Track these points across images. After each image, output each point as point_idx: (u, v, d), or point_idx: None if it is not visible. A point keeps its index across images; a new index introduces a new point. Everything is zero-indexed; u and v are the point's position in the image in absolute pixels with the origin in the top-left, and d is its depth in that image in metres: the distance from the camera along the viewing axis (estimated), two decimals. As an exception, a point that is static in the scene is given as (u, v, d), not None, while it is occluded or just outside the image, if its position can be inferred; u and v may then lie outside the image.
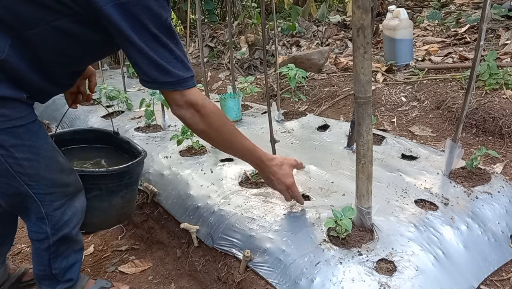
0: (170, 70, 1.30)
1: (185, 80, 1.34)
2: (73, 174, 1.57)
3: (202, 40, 2.20)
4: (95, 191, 1.68)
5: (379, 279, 1.32)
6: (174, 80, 1.32)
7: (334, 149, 2.25)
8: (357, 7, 1.21)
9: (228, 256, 1.64)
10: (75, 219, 1.58)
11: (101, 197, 1.70)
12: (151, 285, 1.90)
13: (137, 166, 1.76)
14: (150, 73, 1.30)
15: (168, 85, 1.33)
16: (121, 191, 1.75)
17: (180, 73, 1.32)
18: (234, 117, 2.76)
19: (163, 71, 1.29)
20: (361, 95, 1.30)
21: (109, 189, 1.71)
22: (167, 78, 1.31)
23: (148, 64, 1.28)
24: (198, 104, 1.38)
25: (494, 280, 1.52)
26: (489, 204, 1.71)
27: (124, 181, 1.74)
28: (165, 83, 1.32)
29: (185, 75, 1.33)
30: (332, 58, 3.83)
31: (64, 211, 1.53)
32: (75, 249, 1.66)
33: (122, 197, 1.76)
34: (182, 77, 1.33)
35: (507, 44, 3.29)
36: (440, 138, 2.45)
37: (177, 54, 1.32)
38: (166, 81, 1.31)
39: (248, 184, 1.93)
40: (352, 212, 1.47)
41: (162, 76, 1.30)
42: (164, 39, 1.28)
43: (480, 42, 1.57)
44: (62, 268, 1.63)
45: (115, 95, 2.96)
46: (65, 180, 1.53)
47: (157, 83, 1.32)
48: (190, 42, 5.30)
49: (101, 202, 1.71)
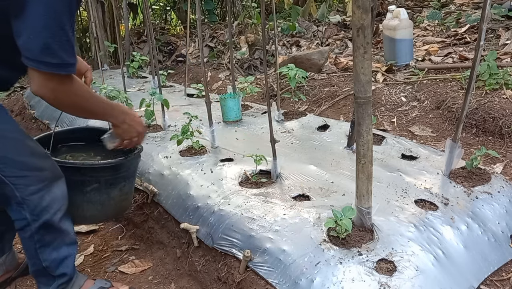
0: (56, 51, 1.26)
1: (69, 65, 1.32)
2: (48, 160, 1.57)
3: (202, 40, 2.20)
4: (94, 183, 1.70)
5: (379, 279, 1.32)
6: (57, 63, 1.28)
7: (334, 149, 2.25)
8: (357, 7, 1.21)
9: (228, 256, 1.64)
10: (55, 205, 1.56)
11: (100, 190, 1.72)
12: (151, 285, 1.90)
13: (133, 159, 1.79)
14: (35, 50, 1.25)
15: (50, 66, 1.28)
16: (119, 184, 1.77)
17: (66, 57, 1.29)
18: (234, 117, 2.76)
19: (48, 50, 1.25)
20: (361, 95, 1.30)
21: (107, 181, 1.73)
22: (51, 59, 1.26)
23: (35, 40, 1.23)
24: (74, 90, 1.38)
25: (494, 280, 1.52)
26: (489, 204, 1.71)
27: (122, 173, 1.77)
28: (47, 64, 1.27)
29: (70, 60, 1.31)
30: (332, 58, 3.83)
31: (42, 196, 1.52)
32: (66, 241, 1.65)
33: (120, 190, 1.79)
34: (67, 61, 1.30)
35: (507, 44, 3.29)
36: (440, 138, 2.45)
37: (69, 37, 1.28)
38: (49, 61, 1.27)
39: (248, 184, 1.93)
40: (352, 212, 1.47)
41: (45, 56, 1.25)
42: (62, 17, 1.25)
43: (480, 42, 1.57)
44: (52, 260, 1.62)
45: (115, 95, 2.96)
46: (38, 164, 1.52)
47: (38, 62, 1.27)
48: (190, 42, 5.30)
49: (100, 195, 1.73)
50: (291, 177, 1.93)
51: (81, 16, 6.35)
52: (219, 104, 2.82)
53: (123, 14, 4.93)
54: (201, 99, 3.34)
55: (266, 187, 1.88)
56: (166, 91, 3.61)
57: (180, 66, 5.04)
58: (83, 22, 6.28)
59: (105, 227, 2.42)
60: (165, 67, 4.99)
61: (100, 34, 4.86)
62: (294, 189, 1.84)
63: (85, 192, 1.69)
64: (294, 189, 1.84)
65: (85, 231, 2.37)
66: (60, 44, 1.26)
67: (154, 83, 3.79)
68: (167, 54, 5.38)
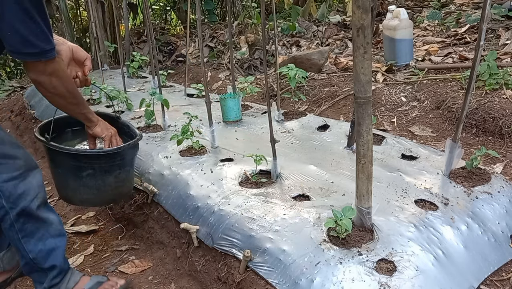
0: (33, 42, 1.41)
1: (47, 51, 1.46)
2: (20, 149, 1.66)
3: (202, 40, 2.20)
4: (89, 169, 1.78)
5: (379, 279, 1.32)
6: (37, 52, 1.44)
7: (334, 149, 2.25)
8: (357, 7, 1.21)
9: (228, 256, 1.64)
10: (32, 193, 1.62)
11: (95, 176, 1.80)
12: (151, 285, 1.90)
13: (129, 148, 1.85)
14: (15, 44, 1.41)
15: (31, 56, 1.45)
16: (114, 171, 1.84)
17: (43, 45, 1.44)
18: (234, 117, 2.76)
19: (26, 42, 1.41)
20: (361, 95, 1.30)
21: (102, 168, 1.80)
22: (31, 49, 1.43)
23: (13, 35, 1.39)
24: (59, 72, 1.54)
25: (494, 280, 1.52)
26: (489, 204, 1.71)
27: (117, 162, 1.83)
28: (29, 54, 1.44)
29: (47, 47, 1.46)
30: (332, 58, 3.83)
31: (17, 185, 1.59)
32: (51, 233, 1.70)
33: (115, 177, 1.85)
34: (44, 48, 1.45)
35: (507, 44, 3.29)
36: (440, 138, 2.45)
37: (42, 27, 1.42)
38: (29, 52, 1.43)
39: (248, 184, 1.93)
40: (352, 212, 1.47)
41: (26, 47, 1.42)
42: (33, 13, 1.38)
43: (480, 42, 1.57)
44: (38, 252, 1.67)
45: (115, 95, 2.96)
46: (9, 152, 1.60)
47: (21, 53, 1.44)
48: (190, 42, 5.30)
49: (95, 180, 1.81)
50: (291, 177, 1.93)
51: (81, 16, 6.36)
52: (219, 104, 2.82)
53: (123, 14, 4.93)
54: (201, 99, 3.34)
55: (266, 187, 1.88)
56: (166, 91, 3.61)
57: (180, 66, 5.04)
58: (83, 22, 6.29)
59: (105, 227, 2.42)
60: (165, 67, 4.99)
61: (100, 34, 4.86)
62: (294, 189, 1.84)
63: (81, 177, 1.78)
64: (294, 189, 1.84)
65: (85, 231, 2.38)
66: (36, 35, 1.41)
67: (154, 83, 3.79)
68: (167, 54, 5.38)
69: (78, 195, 1.86)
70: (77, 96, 1.68)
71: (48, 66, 1.49)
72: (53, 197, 2.81)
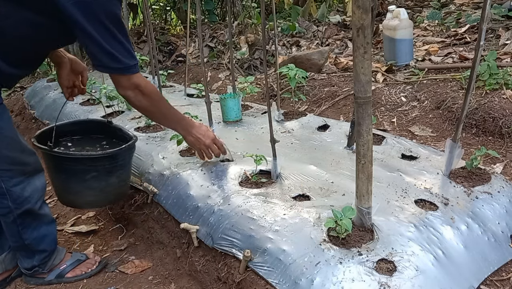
0: (119, 58, 1.58)
1: (131, 67, 1.63)
2: (34, 156, 1.80)
3: (202, 40, 2.20)
4: (93, 172, 1.87)
5: (379, 279, 1.32)
6: (122, 67, 1.61)
7: (334, 149, 2.25)
8: (357, 7, 1.21)
9: (228, 256, 1.64)
10: (36, 195, 1.80)
11: (98, 178, 1.89)
12: (151, 285, 1.90)
13: (128, 148, 1.96)
14: (103, 60, 1.58)
15: (117, 70, 1.62)
16: (117, 171, 1.94)
17: (127, 61, 1.61)
18: (234, 117, 2.76)
19: (113, 59, 1.57)
20: (361, 95, 1.30)
21: (105, 169, 1.90)
22: (117, 65, 1.60)
23: (101, 53, 1.56)
24: (141, 86, 1.69)
25: (494, 280, 1.52)
26: (489, 204, 1.71)
27: (119, 162, 1.93)
28: (114, 69, 1.62)
29: (131, 62, 1.63)
30: (332, 58, 3.83)
31: (24, 188, 1.74)
32: (45, 221, 1.88)
33: (117, 177, 1.95)
34: (128, 64, 1.62)
35: (507, 44, 3.29)
36: (440, 138, 2.45)
37: (125, 46, 1.60)
38: (115, 67, 1.60)
39: (248, 184, 1.93)
40: (352, 212, 1.47)
41: (112, 63, 1.59)
42: (115, 32, 1.55)
43: (480, 42, 1.57)
44: (33, 239, 1.85)
45: (115, 95, 2.96)
46: (25, 160, 1.75)
47: (108, 68, 1.61)
48: (190, 42, 5.30)
49: (99, 182, 1.90)
50: (291, 177, 1.93)
51: (81, 16, 6.34)
52: (219, 104, 2.82)
53: (123, 14, 4.93)
54: (201, 99, 3.34)
55: (266, 187, 1.88)
56: (166, 91, 3.61)
57: (180, 66, 5.04)
58: (83, 22, 6.28)
59: (105, 227, 2.42)
60: (165, 67, 4.99)
61: (100, 34, 4.85)
62: (294, 189, 1.84)
63: (86, 180, 1.87)
64: (294, 189, 1.84)
65: (85, 231, 2.38)
66: (120, 52, 1.58)
67: (154, 83, 3.78)
68: (167, 54, 5.38)
69: (82, 198, 1.95)
70: (162, 111, 1.84)
71: (132, 81, 1.66)
72: (53, 197, 2.81)
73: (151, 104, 1.76)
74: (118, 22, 1.56)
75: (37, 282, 1.97)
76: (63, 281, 1.98)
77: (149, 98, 1.74)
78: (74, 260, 2.01)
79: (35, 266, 1.93)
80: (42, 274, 1.96)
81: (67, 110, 3.25)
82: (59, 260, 1.98)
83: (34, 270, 1.94)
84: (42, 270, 1.95)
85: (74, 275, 1.98)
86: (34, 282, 1.97)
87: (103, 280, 1.98)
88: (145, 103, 1.74)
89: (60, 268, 1.98)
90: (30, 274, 1.96)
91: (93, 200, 1.99)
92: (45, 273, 1.96)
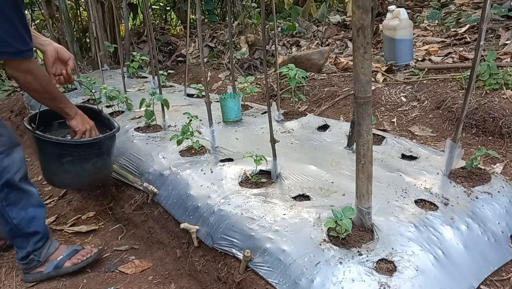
0: (10, 42, 1.63)
1: (23, 52, 1.68)
2: (4, 128, 1.90)
3: (202, 40, 2.20)
4: (69, 156, 2.02)
5: (379, 279, 1.32)
6: (12, 51, 1.66)
7: (334, 149, 2.25)
8: (357, 7, 1.21)
9: (228, 256, 1.64)
10: (15, 166, 1.87)
11: (73, 162, 2.03)
12: (151, 285, 1.90)
13: (105, 139, 2.09)
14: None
15: (7, 54, 1.67)
16: (91, 159, 2.07)
17: (19, 46, 1.66)
18: (234, 117, 2.76)
19: (4, 42, 1.62)
20: (361, 95, 1.30)
21: (80, 156, 2.04)
22: (7, 49, 1.64)
23: None
24: (32, 70, 1.74)
25: (494, 280, 1.52)
26: (489, 204, 1.71)
27: (94, 150, 2.06)
28: (4, 53, 1.66)
29: (23, 48, 1.67)
30: (332, 58, 3.83)
31: (2, 159, 1.83)
32: (32, 203, 1.94)
33: (93, 164, 2.09)
34: (20, 49, 1.67)
35: (507, 44, 3.29)
36: (440, 138, 2.45)
37: (19, 30, 1.64)
38: (5, 51, 1.65)
39: (248, 184, 1.93)
40: (352, 212, 1.47)
41: (2, 47, 1.63)
42: (8, 14, 1.59)
43: (480, 42, 1.57)
44: (21, 219, 1.91)
45: (115, 95, 2.96)
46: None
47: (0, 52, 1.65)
48: (190, 42, 5.30)
49: (74, 166, 2.05)
50: (291, 177, 1.93)
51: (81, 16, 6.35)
52: (219, 104, 2.82)
53: (123, 14, 4.93)
54: (201, 99, 3.34)
55: (266, 187, 1.88)
56: (166, 91, 3.61)
57: (180, 66, 5.04)
58: (83, 22, 6.29)
59: (105, 227, 2.42)
60: (165, 67, 4.99)
61: (100, 34, 4.86)
62: (294, 189, 1.84)
63: (62, 163, 2.02)
64: (294, 189, 1.84)
65: (85, 231, 2.38)
66: (13, 37, 1.62)
67: (154, 83, 3.79)
68: (167, 54, 5.38)
69: (59, 178, 2.12)
70: (52, 92, 1.89)
71: (22, 64, 1.71)
72: (53, 197, 2.81)
73: (41, 86, 1.81)
74: (15, 6, 1.60)
75: (36, 277, 1.99)
76: (62, 271, 2.00)
77: (40, 81, 1.80)
78: (71, 250, 2.05)
79: (29, 253, 1.96)
80: (39, 266, 1.99)
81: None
82: (54, 249, 2.02)
83: (30, 259, 1.96)
84: (38, 259, 1.97)
85: (72, 264, 2.01)
86: (33, 278, 1.99)
87: (103, 280, 1.98)
88: (35, 85, 1.79)
89: (57, 259, 2.01)
90: (27, 268, 1.98)
91: (69, 182, 2.16)
92: (42, 265, 1.99)
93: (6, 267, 2.12)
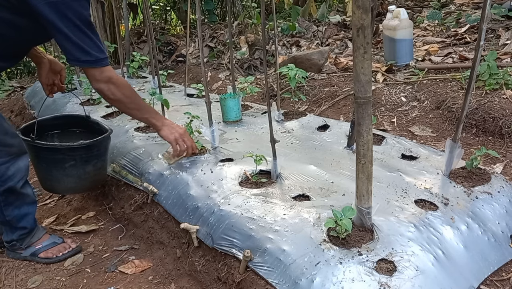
0: (89, 51, 1.73)
1: (101, 60, 1.78)
2: (17, 138, 1.98)
3: (202, 40, 2.20)
4: (71, 161, 2.10)
5: (379, 279, 1.32)
6: (93, 60, 1.76)
7: (334, 149, 2.25)
8: (357, 7, 1.21)
9: (228, 256, 1.64)
10: (19, 175, 1.96)
11: (76, 166, 2.12)
12: (151, 285, 1.90)
13: (103, 140, 2.20)
14: (75, 54, 1.73)
15: (88, 63, 1.76)
16: (92, 160, 2.17)
17: (97, 55, 1.76)
18: (234, 117, 2.76)
19: (84, 52, 1.73)
20: (361, 95, 1.30)
21: (82, 159, 2.13)
22: (88, 58, 1.75)
23: (73, 47, 1.71)
24: (113, 78, 1.83)
25: (494, 280, 1.52)
26: (489, 204, 1.71)
27: (94, 152, 2.17)
28: (86, 62, 1.76)
29: (101, 56, 1.78)
30: (332, 58, 3.83)
31: (8, 167, 1.91)
32: (26, 201, 2.04)
33: (93, 165, 2.19)
34: (99, 57, 1.77)
35: (507, 44, 3.29)
36: (440, 138, 2.45)
37: (95, 41, 1.75)
38: (86, 60, 1.75)
39: (248, 184, 1.93)
40: (352, 212, 1.47)
41: (83, 56, 1.74)
42: (84, 29, 1.71)
43: (480, 42, 1.57)
44: (14, 216, 2.01)
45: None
46: (9, 141, 1.91)
47: (80, 61, 1.76)
48: (190, 42, 5.29)
49: (76, 170, 2.14)
50: (291, 177, 1.93)
51: (81, 16, 6.34)
52: (219, 104, 2.82)
53: (123, 14, 4.93)
54: (201, 99, 3.34)
55: (266, 187, 1.88)
56: (166, 91, 3.61)
57: (180, 66, 5.04)
58: (83, 22, 6.27)
59: (105, 227, 2.42)
60: (165, 67, 4.98)
61: (100, 34, 4.86)
62: (294, 189, 1.84)
63: (65, 168, 2.11)
64: (294, 189, 1.84)
65: (85, 231, 2.37)
66: (91, 47, 1.74)
67: (154, 83, 3.78)
68: (167, 54, 5.38)
69: (63, 184, 2.18)
70: (136, 101, 1.97)
71: (103, 74, 1.80)
72: (53, 197, 2.81)
73: (124, 95, 1.89)
74: (86, 20, 1.72)
75: (14, 256, 2.15)
76: (35, 260, 2.12)
77: (122, 90, 1.87)
78: (50, 242, 2.14)
79: (13, 240, 2.09)
80: (20, 249, 2.12)
81: (67, 110, 3.26)
82: (37, 238, 2.12)
83: (13, 243, 2.10)
84: (20, 245, 2.10)
85: (45, 257, 2.11)
86: (12, 256, 2.16)
87: (103, 280, 1.98)
88: (119, 95, 1.86)
89: (36, 247, 2.12)
90: (9, 247, 2.13)
91: (72, 186, 2.22)
92: (22, 249, 2.12)
93: (6, 267, 2.11)
